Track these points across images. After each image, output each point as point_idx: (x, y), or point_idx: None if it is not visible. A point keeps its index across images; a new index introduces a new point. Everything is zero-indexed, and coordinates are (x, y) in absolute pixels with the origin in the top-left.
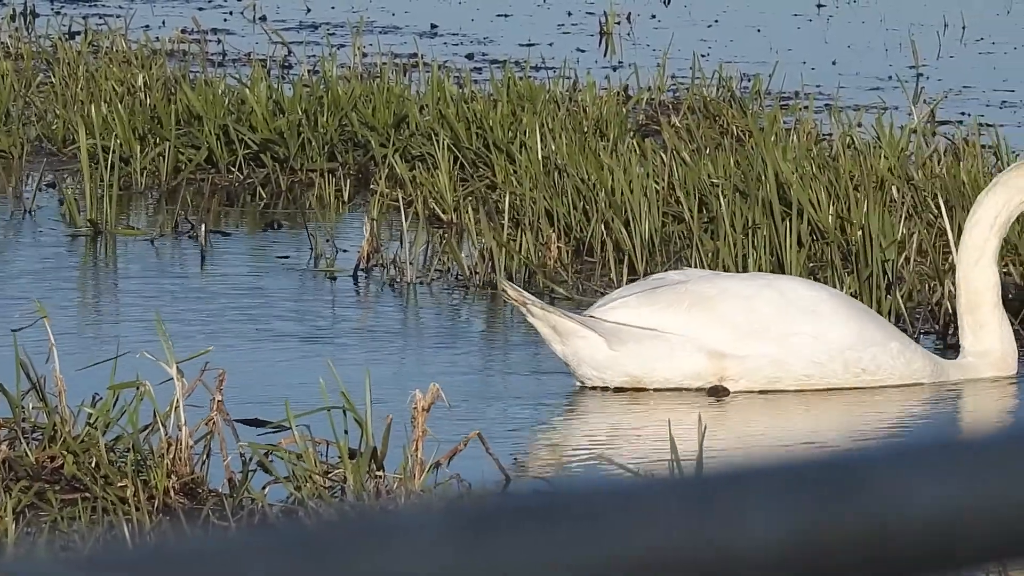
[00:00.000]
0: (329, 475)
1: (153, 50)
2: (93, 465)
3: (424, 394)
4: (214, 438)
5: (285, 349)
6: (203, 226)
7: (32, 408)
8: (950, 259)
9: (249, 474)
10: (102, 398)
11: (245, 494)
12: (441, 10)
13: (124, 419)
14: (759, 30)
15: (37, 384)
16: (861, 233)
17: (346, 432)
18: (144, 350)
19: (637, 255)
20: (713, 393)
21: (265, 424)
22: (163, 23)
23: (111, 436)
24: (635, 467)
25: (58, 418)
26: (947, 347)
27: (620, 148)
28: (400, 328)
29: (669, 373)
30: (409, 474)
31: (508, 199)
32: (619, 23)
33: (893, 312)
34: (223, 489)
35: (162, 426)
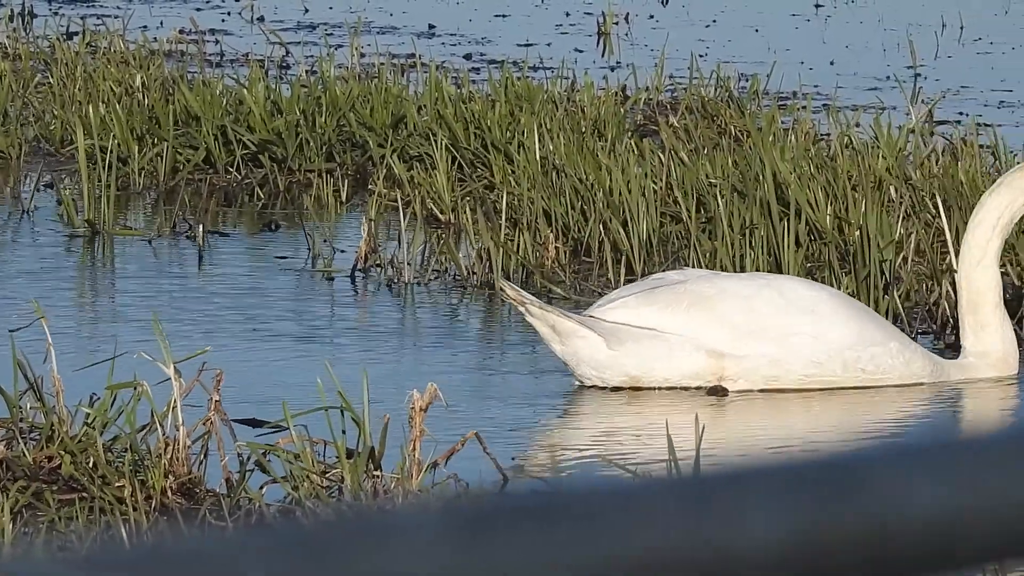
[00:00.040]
0: (327, 475)
1: (151, 50)
2: (91, 465)
3: (422, 394)
4: (212, 438)
5: (283, 349)
6: (201, 226)
7: (30, 408)
8: (948, 259)
9: (247, 474)
10: (100, 398)
11: (243, 494)
12: (439, 10)
13: (122, 419)
14: (757, 30)
15: (35, 384)
16: (859, 233)
17: (344, 432)
18: (142, 350)
19: (635, 255)
20: (713, 393)
21: (263, 424)
22: (161, 23)
23: (109, 436)
24: (633, 467)
25: (56, 418)
26: (947, 347)
27: (618, 148)
28: (398, 328)
29: (668, 373)
30: (407, 474)
31: (506, 199)
32: (617, 23)
33: (891, 312)
34: (220, 489)
35: (160, 426)
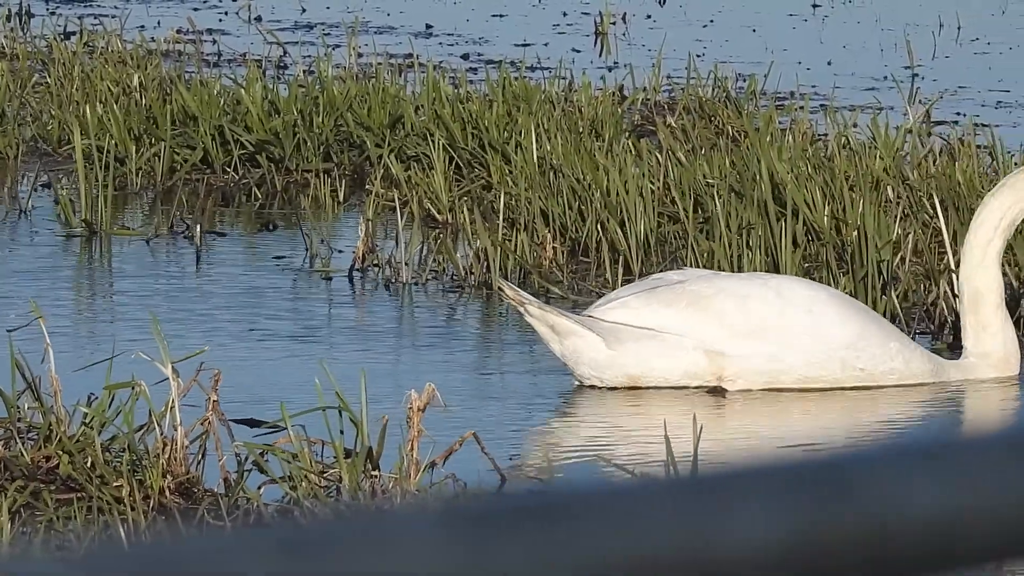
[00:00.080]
0: (325, 475)
1: (148, 50)
2: (89, 465)
3: (420, 394)
4: (209, 438)
5: (280, 349)
6: (198, 226)
7: (28, 408)
8: (945, 259)
9: (244, 474)
10: (98, 398)
11: (240, 494)
12: (436, 10)
13: (120, 419)
14: (754, 30)
15: (33, 384)
16: (856, 233)
17: (342, 432)
18: (139, 350)
19: (632, 255)
20: (715, 392)
21: (261, 424)
22: (158, 23)
23: (107, 436)
24: (632, 467)
25: (54, 418)
26: (948, 347)
27: (615, 148)
28: (395, 328)
29: (667, 373)
30: (404, 474)
31: (503, 199)
32: (614, 23)
33: (888, 312)
34: (218, 489)
35: (158, 426)
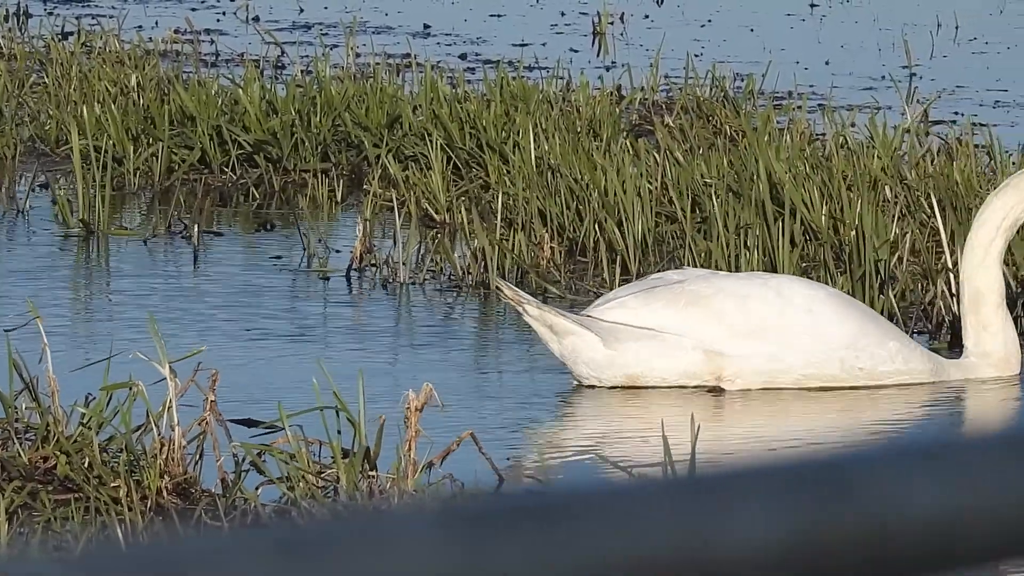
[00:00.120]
0: (322, 475)
1: (146, 50)
2: (86, 465)
3: (417, 394)
4: (207, 438)
5: (278, 349)
6: (196, 226)
7: (25, 408)
8: (943, 259)
9: (242, 474)
10: (95, 398)
11: (238, 494)
12: (434, 10)
13: (117, 419)
14: (752, 30)
15: (30, 384)
16: (854, 233)
17: (339, 432)
18: (137, 350)
19: (630, 255)
20: (714, 392)
21: (258, 424)
22: (156, 23)
23: (104, 436)
24: (630, 467)
25: (51, 418)
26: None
27: (613, 148)
28: (393, 328)
29: (666, 372)
30: (402, 474)
31: (501, 199)
32: (612, 23)
33: (886, 312)
34: (216, 489)
35: (155, 426)
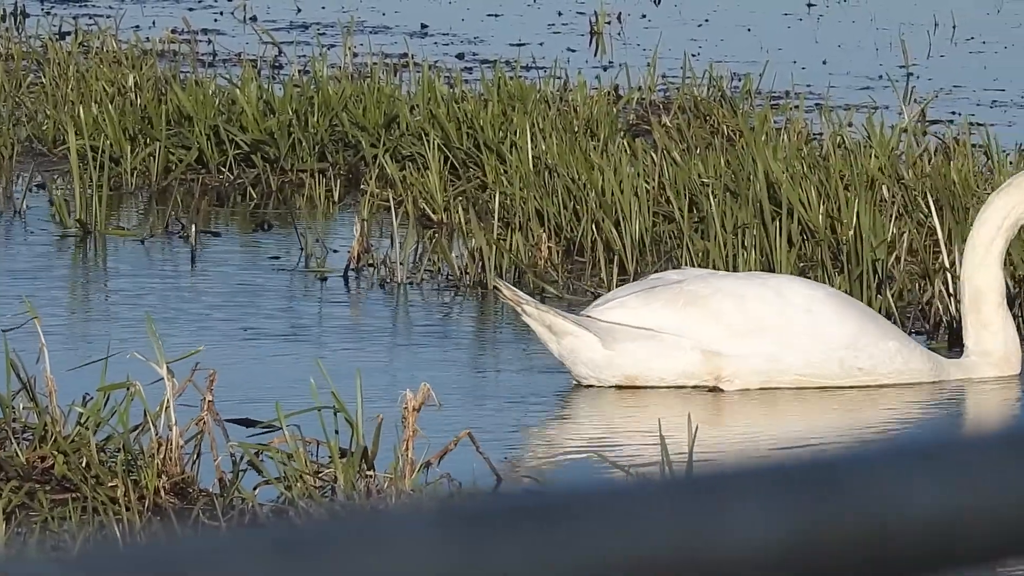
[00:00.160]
0: (320, 475)
1: (143, 50)
2: (84, 465)
3: (414, 394)
4: (204, 438)
5: (275, 349)
6: (193, 226)
7: (23, 408)
8: (940, 259)
9: (240, 474)
10: (93, 398)
11: (235, 494)
12: (431, 10)
13: (115, 419)
14: (749, 30)
15: (27, 384)
16: (852, 233)
17: (336, 432)
18: (134, 350)
19: (627, 255)
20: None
21: (256, 424)
22: (153, 23)
23: (102, 436)
24: (627, 466)
25: (49, 418)
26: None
27: (610, 148)
28: (390, 328)
29: (664, 372)
30: (400, 474)
31: (498, 199)
32: (609, 23)
33: (884, 312)
34: (213, 489)
35: (153, 426)
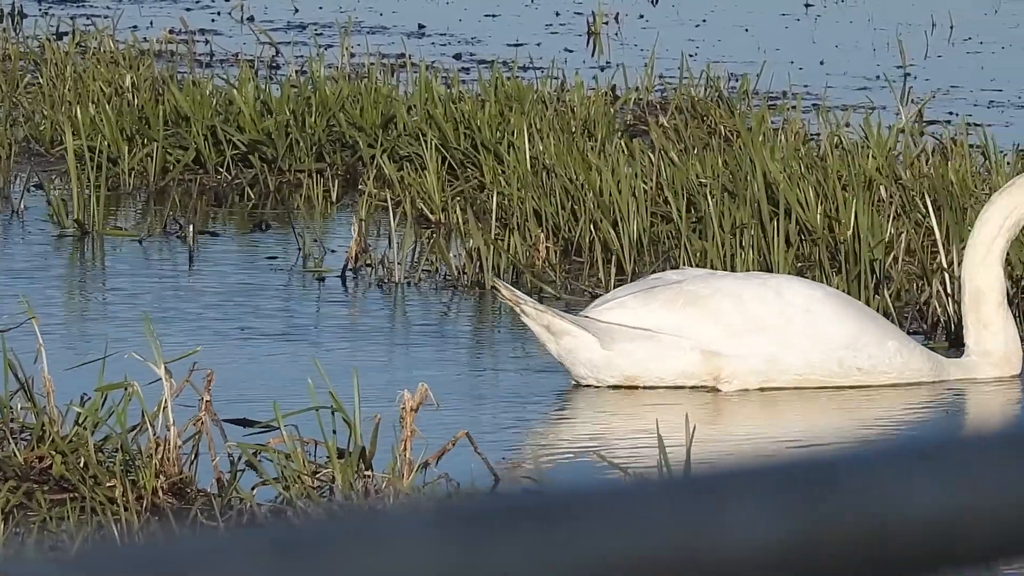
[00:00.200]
0: (317, 475)
1: (141, 51)
2: (82, 465)
3: (412, 394)
4: (202, 438)
5: (273, 349)
6: (191, 227)
7: (20, 408)
8: (938, 259)
9: (238, 474)
10: (90, 398)
11: (233, 494)
12: (429, 10)
13: (112, 419)
14: (747, 30)
15: (25, 384)
16: (849, 233)
17: (334, 432)
18: (132, 350)
19: (625, 255)
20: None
21: (253, 424)
22: (151, 23)
23: (99, 436)
24: (625, 467)
25: (46, 418)
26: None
27: (608, 148)
28: (388, 328)
29: (664, 373)
30: (397, 474)
31: (496, 199)
32: (607, 23)
33: (881, 312)
34: (211, 489)
35: (150, 426)
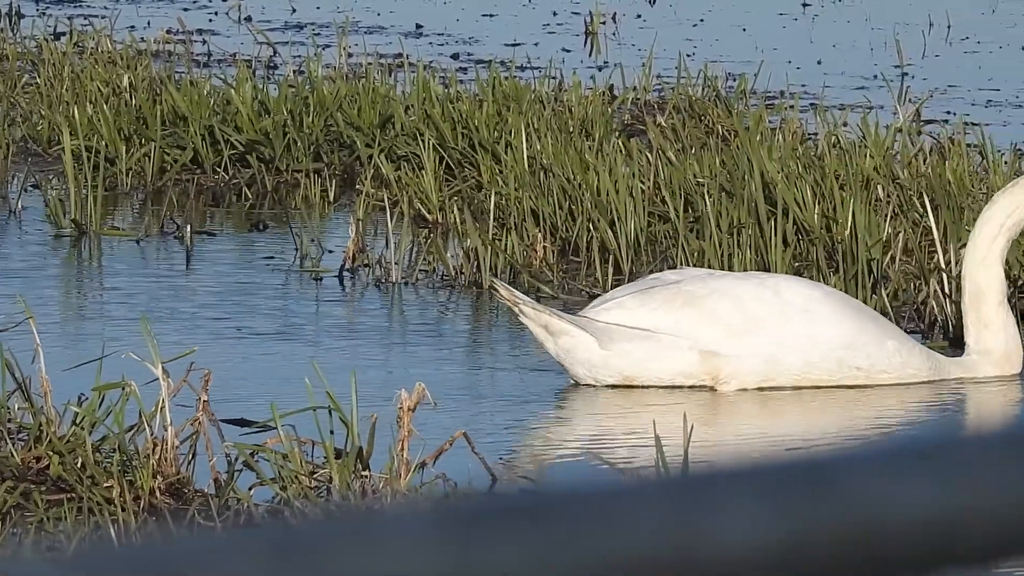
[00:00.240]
0: (315, 475)
1: (138, 51)
2: (79, 465)
3: (409, 393)
4: (200, 438)
5: (270, 349)
6: (188, 227)
7: (18, 408)
8: (936, 258)
9: (235, 474)
10: (88, 398)
11: (231, 494)
12: (426, 10)
13: (110, 419)
14: (744, 29)
15: (22, 384)
16: (847, 232)
17: (332, 432)
18: (129, 350)
19: (622, 255)
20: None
21: (251, 424)
22: (148, 23)
23: (97, 436)
24: (622, 466)
25: (44, 418)
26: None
27: (605, 148)
28: (385, 328)
29: (662, 373)
30: (395, 474)
31: (494, 199)
32: (604, 23)
33: (879, 311)
34: (209, 489)
35: (148, 426)
